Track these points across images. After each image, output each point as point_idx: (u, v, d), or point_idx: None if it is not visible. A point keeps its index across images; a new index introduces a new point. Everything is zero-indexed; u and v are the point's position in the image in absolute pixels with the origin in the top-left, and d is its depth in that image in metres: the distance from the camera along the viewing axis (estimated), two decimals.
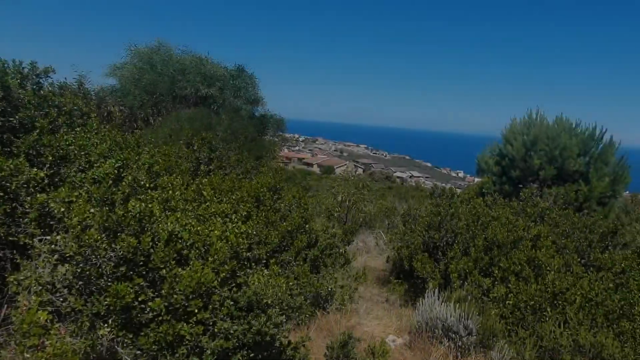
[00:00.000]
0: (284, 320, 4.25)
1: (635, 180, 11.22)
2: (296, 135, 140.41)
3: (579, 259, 6.88)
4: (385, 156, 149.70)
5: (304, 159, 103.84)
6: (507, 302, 5.93)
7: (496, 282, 6.33)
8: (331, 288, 6.40)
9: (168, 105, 17.72)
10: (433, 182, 67.40)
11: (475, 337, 5.42)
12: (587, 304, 5.72)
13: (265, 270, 5.46)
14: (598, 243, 7.48)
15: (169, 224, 3.70)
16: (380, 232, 12.31)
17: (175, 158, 7.24)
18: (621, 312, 5.67)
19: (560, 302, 5.79)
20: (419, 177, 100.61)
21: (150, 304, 3.29)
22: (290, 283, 5.59)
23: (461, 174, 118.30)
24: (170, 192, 4.49)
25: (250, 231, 4.48)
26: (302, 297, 5.84)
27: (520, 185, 10.99)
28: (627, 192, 15.12)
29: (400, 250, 7.91)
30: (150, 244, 3.46)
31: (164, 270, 3.44)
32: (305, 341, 4.50)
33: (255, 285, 4.00)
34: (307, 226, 6.95)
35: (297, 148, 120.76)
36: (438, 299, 5.89)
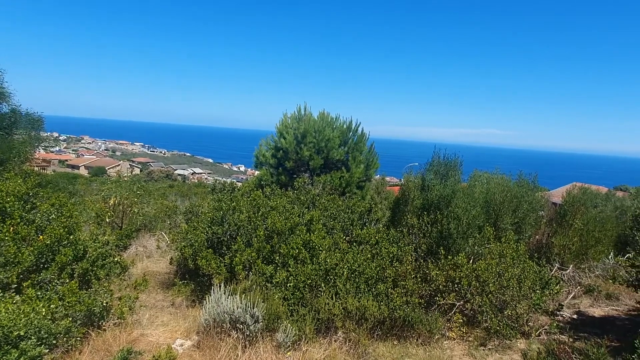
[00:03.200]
0: (46, 351, 3.60)
1: (381, 165, 13.41)
2: (55, 134, 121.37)
3: (344, 237, 7.84)
4: (165, 154, 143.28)
5: (67, 160, 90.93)
6: (288, 284, 6.34)
7: (278, 268, 6.71)
8: (107, 302, 5.74)
9: None
10: (215, 177, 67.61)
11: (261, 323, 5.62)
12: (352, 275, 6.56)
13: (17, 297, 4.55)
14: (358, 221, 8.67)
15: None
16: (162, 234, 11.66)
17: None
18: (377, 277, 6.70)
19: (331, 277, 6.50)
20: (201, 173, 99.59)
21: None
22: (53, 306, 4.80)
23: (242, 168, 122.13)
24: None
25: None
26: (70, 319, 5.08)
27: (295, 175, 11.88)
28: (378, 175, 18.02)
29: (184, 250, 7.63)
30: None
31: None
32: None
33: (1, 316, 3.26)
34: (72, 237, 6.06)
35: (57, 149, 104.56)
36: (224, 294, 5.89)
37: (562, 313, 7.98)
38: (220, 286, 6.08)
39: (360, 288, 6.48)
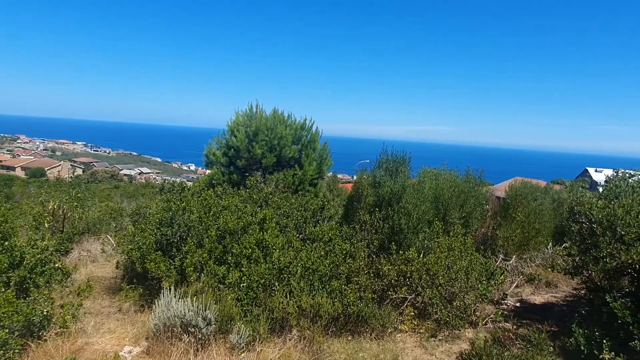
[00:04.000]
0: None
1: (334, 163, 13.52)
2: None
3: (298, 235, 7.82)
4: (109, 153, 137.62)
5: (1, 161, 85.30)
6: (241, 285, 6.24)
7: (231, 268, 6.59)
8: (47, 311, 5.42)
9: None
10: (164, 177, 65.66)
11: (214, 325, 5.50)
12: (306, 273, 6.56)
13: None
14: (311, 219, 8.68)
15: None
16: (108, 237, 11.17)
17: None
18: (331, 274, 6.74)
19: (285, 276, 6.46)
20: (149, 173, 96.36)
21: None
22: None
23: (193, 167, 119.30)
24: None
25: None
26: (6, 330, 4.78)
27: (247, 174, 11.73)
28: (330, 172, 18.15)
29: (131, 253, 7.32)
30: None
31: None
32: None
33: None
34: (7, 243, 5.68)
35: None
36: (175, 297, 5.72)
37: (506, 302, 8.35)
38: (170, 289, 5.90)
39: (314, 285, 6.49)
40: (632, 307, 5.66)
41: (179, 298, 5.72)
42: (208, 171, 13.03)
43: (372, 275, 7.20)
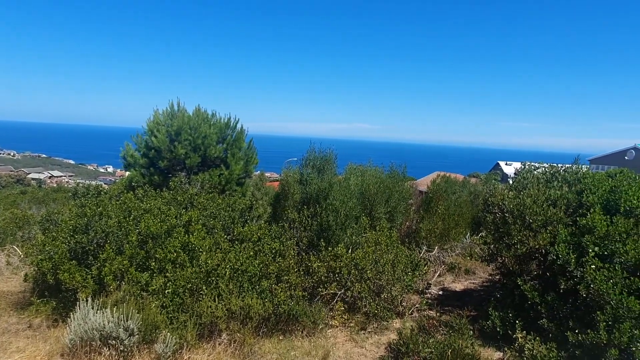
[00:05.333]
0: None
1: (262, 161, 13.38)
2: None
3: (226, 236, 7.63)
4: (14, 156, 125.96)
5: None
6: (166, 291, 5.96)
7: (154, 274, 6.27)
8: None
9: None
10: (78, 180, 61.38)
11: (137, 336, 5.21)
12: (235, 274, 6.41)
13: None
14: (239, 219, 8.50)
15: None
16: (14, 247, 10.19)
17: None
18: (261, 274, 6.65)
19: (213, 278, 6.27)
20: (61, 176, 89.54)
21: None
22: None
23: (110, 169, 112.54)
24: None
25: None
26: None
27: (170, 175, 11.23)
28: (258, 171, 17.95)
29: (41, 264, 6.70)
30: None
31: None
32: None
33: None
34: None
35: None
36: (93, 308, 5.34)
37: (430, 291, 8.77)
38: (87, 300, 5.50)
39: (243, 287, 6.36)
40: (539, 289, 6.17)
41: (98, 309, 5.35)
42: (127, 173, 12.33)
43: (302, 273, 7.21)
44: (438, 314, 7.42)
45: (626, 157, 46.26)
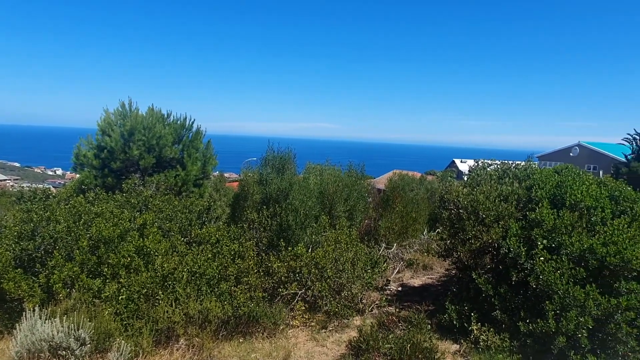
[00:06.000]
0: None
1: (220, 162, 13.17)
2: None
3: (183, 239, 7.45)
4: None
5: None
6: (120, 297, 5.75)
7: (107, 280, 6.03)
8: None
9: None
10: (24, 184, 58.23)
11: (89, 345, 5.00)
12: (193, 277, 6.27)
13: None
14: (197, 221, 8.33)
15: None
16: None
17: None
18: (219, 276, 6.53)
19: (170, 283, 6.10)
20: (5, 180, 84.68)
21: None
22: None
23: (60, 172, 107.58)
24: None
25: None
26: None
27: (123, 177, 10.84)
28: (216, 172, 17.63)
29: None
30: None
31: None
32: None
33: None
34: None
35: None
36: (41, 318, 5.07)
37: (389, 287, 8.90)
38: (34, 310, 5.22)
39: (202, 290, 6.23)
40: (493, 282, 6.39)
41: (46, 319, 5.09)
42: (78, 175, 11.80)
43: (262, 273, 7.15)
44: (397, 310, 7.54)
45: (571, 154, 48.91)
